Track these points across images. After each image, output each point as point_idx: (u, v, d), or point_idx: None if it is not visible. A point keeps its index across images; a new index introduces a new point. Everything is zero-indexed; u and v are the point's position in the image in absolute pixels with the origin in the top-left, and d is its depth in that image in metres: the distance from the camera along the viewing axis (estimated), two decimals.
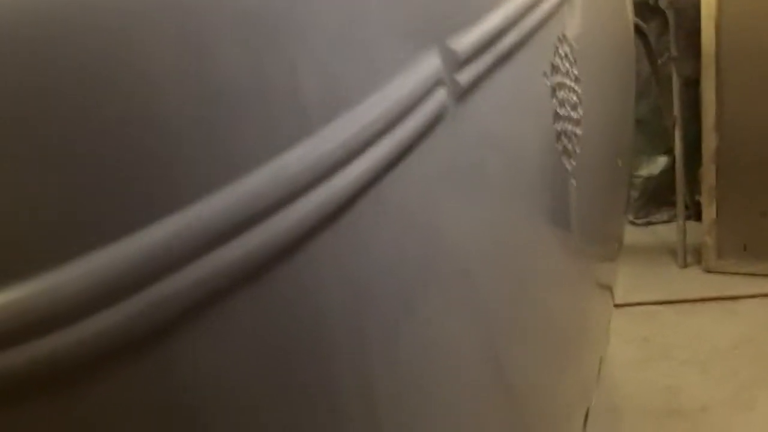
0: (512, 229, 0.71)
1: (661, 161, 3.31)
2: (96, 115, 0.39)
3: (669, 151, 3.16)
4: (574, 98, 0.87)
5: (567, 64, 0.84)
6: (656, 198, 3.35)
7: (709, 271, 2.98)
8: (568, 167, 0.83)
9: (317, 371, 0.54)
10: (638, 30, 2.98)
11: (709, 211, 2.96)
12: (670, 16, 3.03)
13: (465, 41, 0.59)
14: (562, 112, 0.81)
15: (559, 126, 0.80)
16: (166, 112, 0.42)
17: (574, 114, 0.86)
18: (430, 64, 0.57)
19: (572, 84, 0.86)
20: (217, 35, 0.43)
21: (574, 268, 0.99)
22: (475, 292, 0.67)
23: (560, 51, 0.82)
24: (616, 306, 2.86)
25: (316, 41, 0.49)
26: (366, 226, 0.54)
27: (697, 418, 2.25)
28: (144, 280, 0.43)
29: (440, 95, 0.58)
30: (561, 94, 0.81)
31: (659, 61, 3.08)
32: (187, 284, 0.45)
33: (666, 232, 3.29)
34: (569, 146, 0.83)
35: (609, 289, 1.37)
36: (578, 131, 0.88)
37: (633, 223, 3.41)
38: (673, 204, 3.15)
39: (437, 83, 0.57)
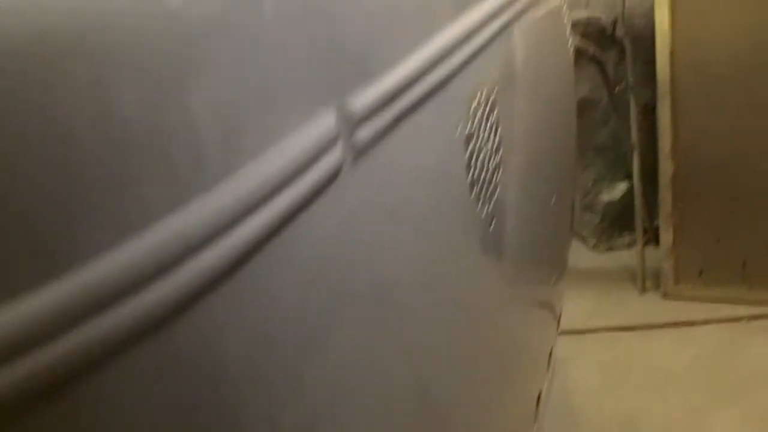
0: (419, 275, 0.72)
1: (622, 186, 3.35)
2: None
3: (629, 177, 3.20)
4: (492, 144, 0.88)
5: (484, 111, 0.86)
6: (618, 223, 3.39)
7: (666, 297, 3.02)
8: (483, 214, 0.85)
9: (222, 423, 0.55)
10: (595, 59, 3.04)
11: (666, 237, 3.00)
12: (627, 45, 3.09)
13: (363, 99, 0.61)
14: (476, 161, 0.82)
15: (473, 175, 0.81)
16: (57, 167, 0.43)
17: (491, 162, 0.87)
18: (325, 122, 0.58)
19: (490, 131, 0.88)
20: (117, 87, 0.44)
21: (500, 306, 1.00)
22: (381, 339, 0.68)
23: (477, 99, 0.83)
24: (577, 332, 2.89)
25: (214, 96, 0.50)
26: (265, 279, 0.55)
27: None
28: (42, 337, 0.44)
29: (336, 153, 0.59)
30: (476, 143, 0.82)
31: (617, 89, 3.13)
32: (86, 341, 0.46)
33: (627, 256, 3.32)
34: (485, 194, 0.85)
35: (549, 319, 1.38)
36: (497, 177, 0.89)
37: (595, 248, 3.44)
38: (634, 228, 3.18)
39: (332, 141, 0.59)
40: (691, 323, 2.82)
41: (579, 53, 3.00)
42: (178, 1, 0.48)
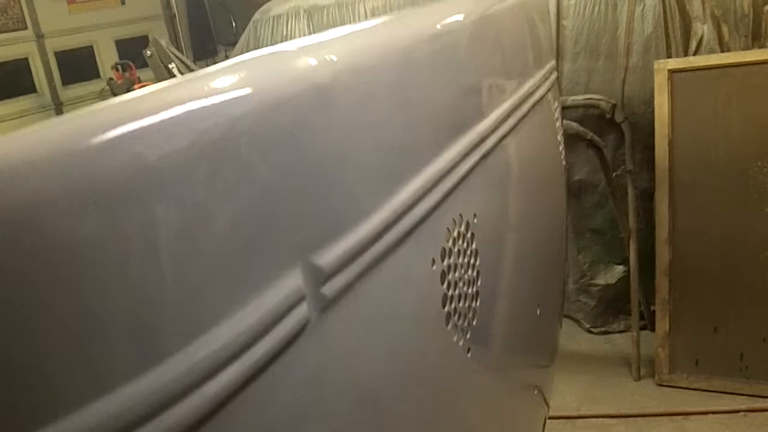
0: (395, 407, 0.72)
1: (618, 270, 3.35)
2: None
3: (626, 261, 3.20)
4: (471, 274, 0.88)
5: (463, 243, 0.86)
6: (613, 306, 3.38)
7: (661, 385, 2.98)
8: (461, 343, 0.84)
9: None
10: (593, 144, 3.06)
11: (662, 324, 2.98)
12: (626, 130, 3.11)
13: (330, 255, 0.61)
14: (453, 293, 0.82)
15: (449, 308, 0.81)
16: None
17: (470, 290, 0.87)
18: (291, 282, 0.58)
19: (469, 260, 0.88)
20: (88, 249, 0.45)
21: (483, 418, 0.99)
22: None
23: (454, 233, 0.84)
24: (569, 418, 2.85)
25: (184, 260, 0.51)
26: (239, 425, 0.55)
27: None
28: None
29: (302, 310, 0.59)
30: (453, 275, 0.83)
31: (615, 173, 3.15)
32: None
33: (622, 341, 3.30)
34: (462, 323, 0.85)
35: (534, 423, 1.35)
36: (475, 304, 0.89)
37: (590, 332, 3.42)
38: (629, 313, 3.16)
39: (299, 299, 0.59)
40: (686, 414, 2.78)
41: (577, 137, 3.03)
42: (154, 158, 0.49)
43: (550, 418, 2.85)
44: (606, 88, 3.19)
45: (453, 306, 0.82)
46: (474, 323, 0.88)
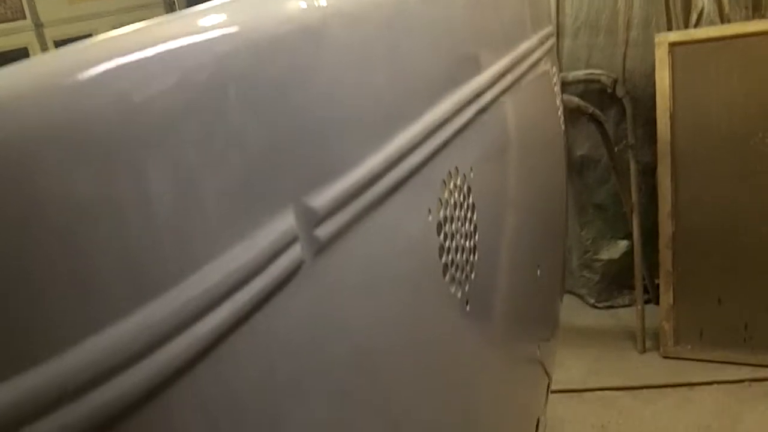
0: (391, 357, 0.72)
1: (622, 245, 3.35)
2: None
3: (629, 236, 3.20)
4: (468, 227, 0.89)
5: (459, 196, 0.86)
6: (617, 281, 3.38)
7: (666, 357, 2.99)
8: (459, 295, 0.85)
9: None
10: (594, 118, 3.06)
11: (666, 297, 2.99)
12: (627, 104, 3.11)
13: (323, 198, 0.61)
14: (450, 244, 0.83)
15: (446, 259, 0.82)
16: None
17: (467, 243, 0.88)
18: (284, 222, 0.59)
19: (465, 214, 0.88)
20: (80, 182, 0.46)
21: (481, 378, 0.99)
22: (355, 417, 0.68)
23: (450, 185, 0.84)
24: (575, 391, 2.86)
25: (177, 197, 0.51)
26: (233, 366, 0.56)
27: None
28: None
29: (295, 251, 0.59)
30: (449, 227, 0.83)
31: (617, 148, 3.14)
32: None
33: (627, 315, 3.30)
34: (460, 276, 0.85)
35: (535, 387, 1.35)
36: (473, 258, 0.89)
37: (594, 307, 3.42)
38: (634, 287, 3.17)
39: (292, 240, 0.59)
40: (691, 385, 2.78)
41: (579, 111, 3.03)
42: (140, 97, 0.49)
43: (556, 391, 2.86)
44: (607, 62, 3.18)
45: (450, 258, 0.83)
46: (472, 277, 0.89)
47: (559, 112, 1.49)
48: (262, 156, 0.57)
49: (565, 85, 2.78)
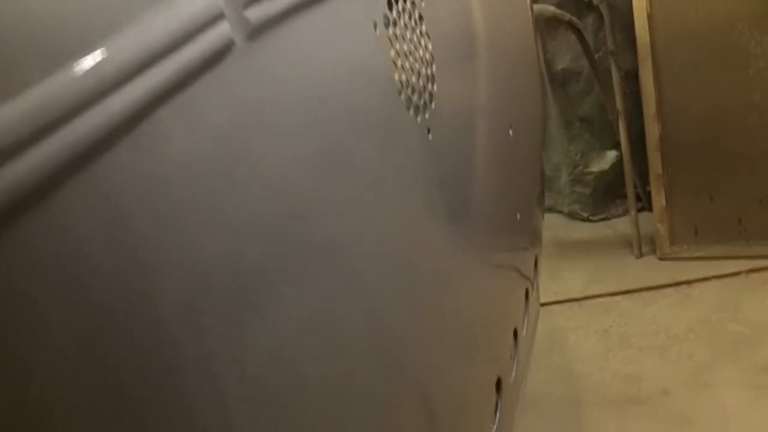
0: (336, 174, 0.69)
1: (611, 156, 3.34)
2: None
3: (617, 145, 3.19)
4: (423, 54, 0.87)
5: (410, 20, 0.85)
6: (610, 192, 3.38)
7: (663, 259, 2.99)
8: (418, 120, 0.83)
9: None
10: (573, 27, 3.03)
11: (658, 199, 2.98)
12: (604, 11, 3.08)
13: None
14: (403, 63, 0.81)
15: (399, 77, 0.80)
16: None
17: (423, 70, 0.86)
18: None
19: (418, 40, 0.86)
20: None
21: (442, 232, 0.96)
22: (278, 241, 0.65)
23: (398, 6, 0.82)
24: (575, 300, 2.87)
25: None
26: (150, 150, 0.52)
27: (657, 402, 2.24)
28: None
29: (223, 29, 0.57)
30: (401, 47, 0.81)
31: (597, 56, 3.12)
32: None
33: (622, 224, 3.31)
34: (417, 100, 0.83)
35: (515, 280, 1.31)
36: (431, 87, 0.88)
37: (589, 220, 3.43)
38: (626, 196, 3.16)
39: (217, 16, 0.57)
40: (688, 282, 2.79)
41: (555, 20, 2.99)
42: None
43: (556, 302, 2.88)
44: None
45: (405, 78, 0.81)
46: (432, 107, 0.87)
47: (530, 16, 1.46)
48: None
49: None
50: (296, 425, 0.62)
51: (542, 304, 2.56)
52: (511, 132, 1.21)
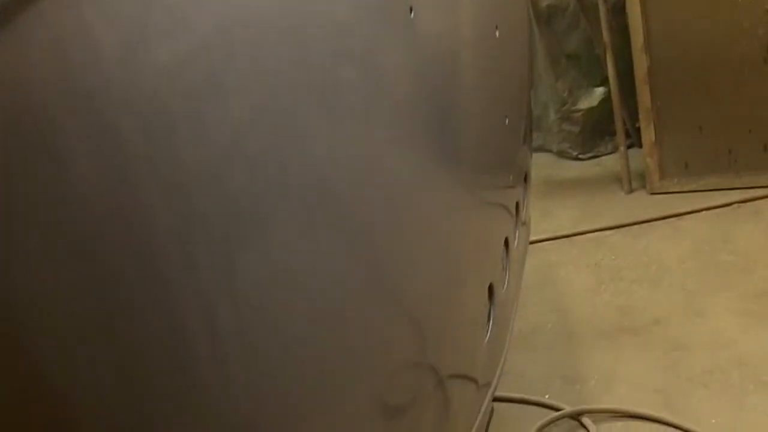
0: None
1: (599, 92, 3.30)
2: None
3: (605, 81, 3.15)
4: None
5: None
6: (599, 130, 3.35)
7: (653, 193, 2.98)
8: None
9: None
10: None
11: (648, 133, 2.95)
12: None
13: None
14: None
15: None
16: None
17: None
18: None
19: None
20: None
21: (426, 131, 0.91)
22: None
23: None
24: (565, 237, 2.85)
25: None
26: None
27: (650, 331, 2.23)
28: None
29: None
30: None
31: None
32: None
33: (611, 162, 3.28)
34: None
35: (498, 215, 1.25)
36: None
37: (578, 159, 3.40)
38: (615, 133, 3.13)
39: None
40: (679, 215, 2.77)
41: None
42: None
43: (546, 239, 2.86)
44: None
45: None
46: None
47: None
48: None
49: None
50: (289, 338, 0.59)
51: (533, 242, 2.54)
52: (497, 33, 1.17)
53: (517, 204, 1.35)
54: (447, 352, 0.92)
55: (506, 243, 1.24)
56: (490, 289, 1.11)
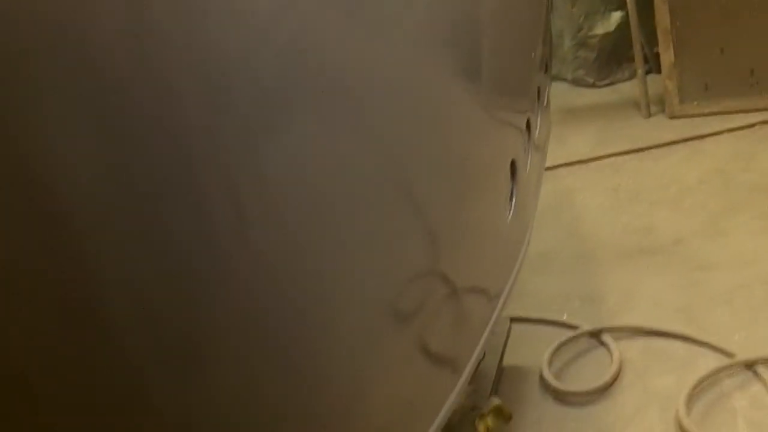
0: None
1: (616, 16, 3.21)
2: None
3: (623, 5, 3.06)
4: None
5: None
6: (615, 55, 3.26)
7: (673, 117, 2.91)
8: None
9: None
10: None
11: (667, 55, 2.87)
12: None
13: None
14: None
15: None
16: None
17: None
18: None
19: None
20: None
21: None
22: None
23: None
24: (582, 161, 2.79)
25: None
26: None
27: (671, 251, 2.19)
28: None
29: None
30: None
31: None
32: None
33: (629, 88, 3.21)
34: None
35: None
36: None
37: (595, 86, 3.32)
38: (632, 59, 3.05)
39: None
40: (700, 137, 2.71)
41: None
42: None
43: (564, 165, 2.80)
44: None
45: None
46: None
47: None
48: None
49: None
50: (307, 220, 0.56)
51: (548, 168, 2.49)
52: None
53: (539, 90, 1.32)
54: (471, 224, 0.89)
55: (528, 124, 1.20)
56: (513, 165, 1.08)
